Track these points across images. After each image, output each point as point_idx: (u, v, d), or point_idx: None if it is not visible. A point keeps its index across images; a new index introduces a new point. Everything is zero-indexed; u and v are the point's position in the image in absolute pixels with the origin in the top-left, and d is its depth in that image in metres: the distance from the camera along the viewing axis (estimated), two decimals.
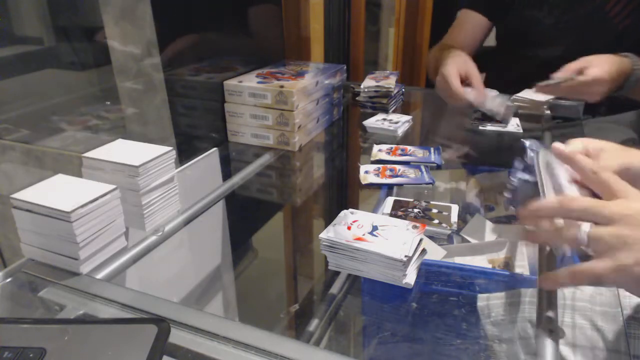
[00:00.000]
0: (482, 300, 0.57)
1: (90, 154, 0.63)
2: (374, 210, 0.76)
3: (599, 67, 0.92)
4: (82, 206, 0.52)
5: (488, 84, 1.27)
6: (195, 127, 0.94)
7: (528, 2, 1.16)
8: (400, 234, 0.57)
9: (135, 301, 0.50)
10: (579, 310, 0.55)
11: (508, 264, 0.70)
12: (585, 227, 0.44)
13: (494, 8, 1.25)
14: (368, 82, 1.17)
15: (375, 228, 0.58)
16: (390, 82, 1.16)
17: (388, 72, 1.25)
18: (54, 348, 0.40)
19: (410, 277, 0.55)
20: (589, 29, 1.09)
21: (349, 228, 0.59)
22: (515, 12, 1.19)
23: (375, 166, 0.87)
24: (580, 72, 0.93)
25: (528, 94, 1.14)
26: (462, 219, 0.78)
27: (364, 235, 0.57)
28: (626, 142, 1.13)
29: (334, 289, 0.62)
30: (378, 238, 0.56)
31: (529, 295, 0.57)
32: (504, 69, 1.30)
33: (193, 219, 0.72)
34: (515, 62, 1.25)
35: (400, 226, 0.59)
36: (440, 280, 0.60)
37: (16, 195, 0.54)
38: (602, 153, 0.53)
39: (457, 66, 1.02)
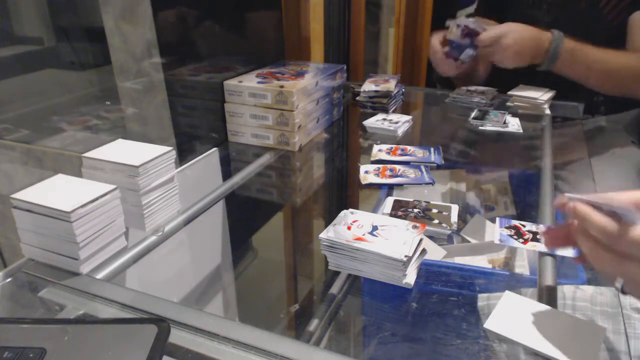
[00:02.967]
0: (482, 300, 0.57)
1: (90, 154, 0.63)
2: (374, 210, 0.76)
3: (511, 37, 1.01)
4: (82, 206, 0.52)
5: (486, 83, 1.28)
6: (195, 127, 0.94)
7: (526, 1, 1.17)
8: (400, 234, 0.57)
9: (135, 301, 0.50)
10: (579, 310, 0.55)
11: (508, 264, 0.70)
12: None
13: (493, 11, 1.26)
14: (368, 86, 1.17)
15: (375, 228, 0.58)
16: (389, 85, 1.16)
17: (388, 75, 1.25)
18: (54, 348, 0.40)
19: (410, 277, 0.55)
20: (585, 26, 1.10)
21: (349, 228, 0.59)
22: (514, 11, 1.20)
23: (375, 166, 0.87)
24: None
25: (523, 90, 1.14)
26: (462, 219, 0.78)
27: (364, 235, 0.57)
28: (625, 142, 1.14)
29: (334, 289, 0.62)
30: (378, 238, 0.56)
31: (528, 295, 0.57)
32: (501, 70, 1.30)
33: (193, 219, 0.72)
34: None
35: (400, 226, 0.59)
36: (440, 280, 0.60)
37: (16, 195, 0.54)
38: None
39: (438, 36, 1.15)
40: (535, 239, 0.62)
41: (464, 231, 0.75)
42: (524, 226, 0.65)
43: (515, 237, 0.62)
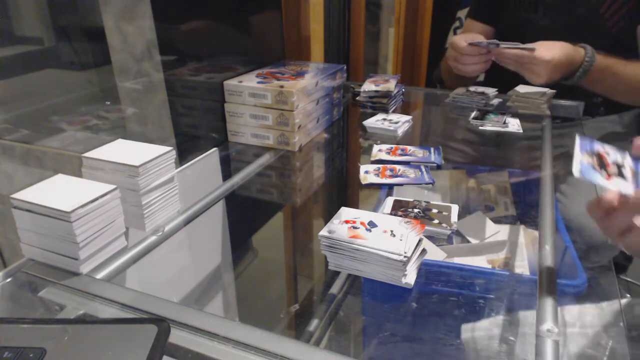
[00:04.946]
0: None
1: (90, 154, 0.63)
2: (374, 210, 0.76)
3: (547, 50, 0.97)
4: (82, 206, 0.52)
5: (486, 83, 1.28)
6: (195, 127, 0.94)
7: (523, 3, 1.17)
8: (395, 229, 0.57)
9: (135, 301, 0.50)
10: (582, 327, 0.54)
11: (508, 264, 0.70)
12: None
13: (493, 14, 1.26)
14: (368, 86, 1.17)
15: (373, 225, 0.58)
16: (389, 85, 1.16)
17: (388, 75, 1.25)
18: (54, 348, 0.40)
19: (410, 277, 0.55)
20: (584, 30, 1.10)
21: (347, 222, 0.59)
22: (512, 13, 1.19)
23: (375, 166, 0.87)
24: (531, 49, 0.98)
25: (523, 90, 1.14)
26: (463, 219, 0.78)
27: (361, 232, 0.57)
28: (626, 142, 1.14)
29: (334, 289, 0.62)
30: (373, 233, 0.56)
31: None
32: (501, 70, 1.30)
33: (193, 219, 0.72)
34: None
35: (395, 222, 0.59)
36: (440, 280, 0.60)
37: (16, 195, 0.54)
38: None
39: (463, 36, 1.09)
40: (620, 173, 0.50)
41: (460, 225, 0.75)
42: (608, 154, 0.51)
43: (598, 168, 0.49)
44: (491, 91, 1.20)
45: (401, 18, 1.76)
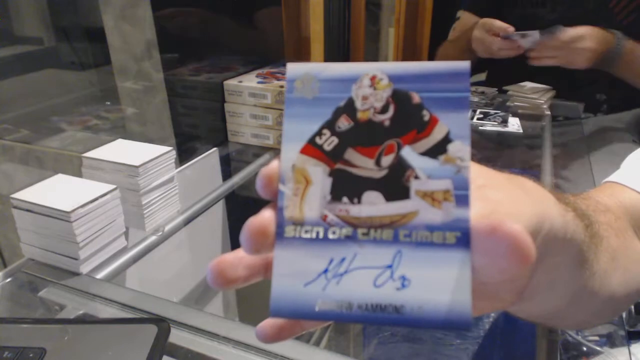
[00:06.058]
0: None
1: (90, 154, 0.63)
2: None
3: (584, 28, 0.98)
4: (82, 206, 0.52)
5: (489, 81, 1.28)
6: (195, 127, 0.94)
7: None
8: None
9: (135, 301, 0.50)
10: None
11: None
12: None
13: (494, 9, 1.25)
14: None
15: None
16: None
17: None
18: (54, 348, 0.40)
19: None
20: (592, 25, 1.10)
21: None
22: (518, 9, 1.19)
23: None
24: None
25: (523, 89, 1.14)
26: None
27: None
28: (626, 141, 1.14)
29: None
30: None
31: None
32: (505, 67, 1.30)
33: (193, 219, 0.72)
34: (518, 59, 1.25)
35: None
36: None
37: (16, 195, 0.54)
38: None
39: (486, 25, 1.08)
40: None
41: None
42: None
43: None
44: (491, 91, 1.20)
45: (401, 18, 1.76)
